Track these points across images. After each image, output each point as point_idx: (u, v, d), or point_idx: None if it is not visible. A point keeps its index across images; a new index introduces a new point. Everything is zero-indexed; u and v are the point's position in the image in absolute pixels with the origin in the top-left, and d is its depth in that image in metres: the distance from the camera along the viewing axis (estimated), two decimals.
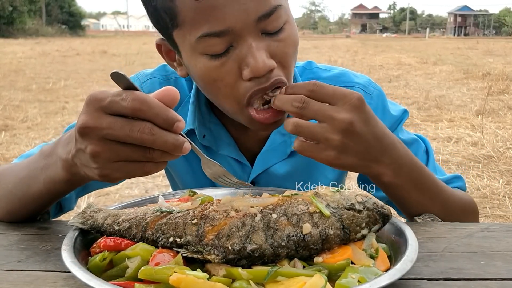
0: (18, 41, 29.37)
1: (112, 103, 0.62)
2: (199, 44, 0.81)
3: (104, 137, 0.63)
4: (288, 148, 1.05)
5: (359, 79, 1.10)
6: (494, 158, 4.45)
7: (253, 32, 0.80)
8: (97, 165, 0.65)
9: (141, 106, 0.61)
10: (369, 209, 0.67)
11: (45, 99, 7.77)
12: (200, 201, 0.74)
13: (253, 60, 0.80)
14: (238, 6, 0.77)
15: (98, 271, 0.63)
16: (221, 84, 0.85)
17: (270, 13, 0.80)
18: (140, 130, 0.61)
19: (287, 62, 0.87)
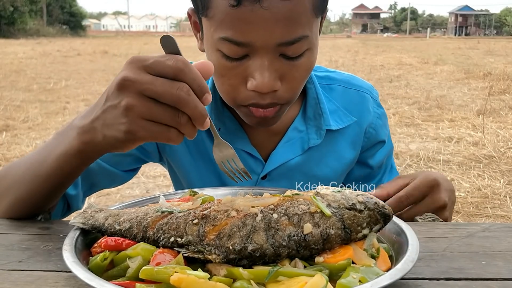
0: (19, 42, 29.40)
1: (156, 62, 0.65)
2: (219, 43, 0.85)
3: (142, 92, 0.64)
4: (306, 144, 1.07)
5: (365, 84, 1.17)
6: (495, 158, 4.44)
7: (271, 52, 0.84)
8: (127, 120, 0.66)
9: (184, 67, 0.64)
10: (370, 209, 0.67)
11: (46, 99, 7.78)
12: (201, 201, 0.74)
13: (260, 77, 0.84)
14: (265, 27, 0.81)
15: (99, 271, 0.63)
16: (226, 82, 0.90)
17: (293, 42, 0.84)
18: (179, 87, 0.64)
19: (295, 85, 0.91)
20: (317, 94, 1.08)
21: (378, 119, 1.15)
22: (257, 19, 0.80)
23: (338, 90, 1.13)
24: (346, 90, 1.13)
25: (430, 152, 4.63)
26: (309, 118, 1.08)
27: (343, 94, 1.13)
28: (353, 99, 1.13)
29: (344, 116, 1.10)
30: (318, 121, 1.07)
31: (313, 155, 1.08)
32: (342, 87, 1.14)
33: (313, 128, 1.07)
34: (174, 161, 1.12)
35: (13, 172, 0.88)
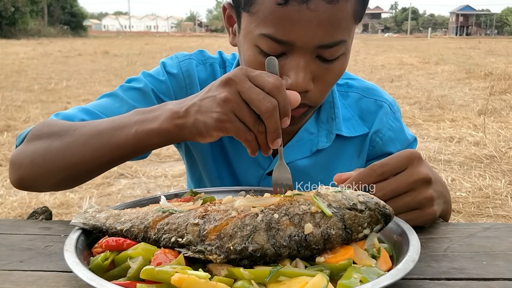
0: (20, 42, 29.44)
1: (259, 75, 0.74)
2: (259, 39, 0.87)
3: (241, 93, 0.73)
4: (314, 146, 1.08)
5: (387, 96, 1.17)
6: (496, 158, 4.44)
7: (309, 53, 0.86)
8: (221, 109, 0.74)
9: (280, 86, 0.73)
10: (371, 209, 0.67)
11: (47, 100, 7.78)
12: (201, 201, 0.74)
13: (295, 77, 0.86)
14: (307, 28, 0.83)
15: (100, 271, 0.63)
16: None
17: (332, 46, 0.86)
18: (271, 101, 0.72)
19: (326, 88, 0.94)
20: (333, 98, 1.09)
21: (390, 130, 1.13)
22: (302, 20, 0.82)
23: (353, 97, 1.14)
24: (362, 98, 1.14)
25: (431, 152, 4.63)
26: (321, 121, 1.09)
27: (357, 102, 1.13)
28: (369, 108, 1.13)
29: (358, 126, 1.11)
30: (330, 124, 1.08)
31: (320, 159, 1.09)
32: (359, 94, 1.14)
33: (324, 131, 1.08)
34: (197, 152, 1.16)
35: (72, 138, 0.88)
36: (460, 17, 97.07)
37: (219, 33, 74.67)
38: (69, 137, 0.88)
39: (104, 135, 0.85)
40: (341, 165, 1.11)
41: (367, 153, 1.13)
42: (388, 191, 0.77)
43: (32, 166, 0.90)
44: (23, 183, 0.93)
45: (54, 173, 0.89)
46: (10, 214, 3.22)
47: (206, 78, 1.12)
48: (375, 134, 1.12)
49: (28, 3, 44.86)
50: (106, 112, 1.00)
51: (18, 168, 0.92)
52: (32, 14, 46.52)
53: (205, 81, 1.11)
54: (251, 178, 1.11)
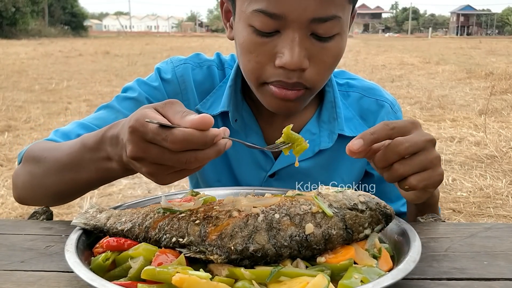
0: (21, 42, 29.45)
1: (155, 140, 0.65)
2: (251, 16, 0.86)
3: (155, 162, 0.67)
4: (316, 146, 1.07)
5: (388, 96, 1.16)
6: (497, 157, 4.43)
7: (303, 28, 0.85)
8: (155, 179, 0.70)
9: (182, 145, 0.63)
10: (372, 209, 0.67)
11: (48, 100, 7.78)
12: (202, 201, 0.74)
13: (289, 53, 0.85)
14: (300, 0, 0.82)
15: (101, 271, 0.63)
16: (254, 59, 0.90)
17: (326, 19, 0.85)
18: (187, 161, 0.65)
19: (322, 69, 0.91)
20: (334, 98, 1.08)
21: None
22: None
23: (354, 97, 1.13)
24: (362, 98, 1.13)
25: None
26: (323, 122, 1.08)
27: (358, 101, 1.12)
28: (370, 107, 1.12)
29: (359, 126, 1.10)
30: (332, 124, 1.07)
31: (323, 159, 1.08)
32: (359, 94, 1.13)
33: (326, 131, 1.07)
34: None
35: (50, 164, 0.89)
36: (460, 17, 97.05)
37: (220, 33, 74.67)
38: (46, 165, 0.90)
39: (69, 171, 0.86)
40: (343, 165, 1.10)
41: None
42: (406, 146, 0.75)
43: (24, 188, 0.96)
44: (21, 201, 0.98)
45: (41, 196, 0.94)
46: (11, 214, 3.22)
47: (203, 81, 1.11)
48: None
49: (28, 3, 44.88)
50: (103, 124, 0.99)
51: (15, 188, 0.98)
52: (32, 14, 46.54)
53: (202, 83, 1.11)
54: (252, 181, 1.10)
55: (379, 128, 0.76)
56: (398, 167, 0.76)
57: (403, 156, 0.75)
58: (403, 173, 0.76)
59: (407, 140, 0.75)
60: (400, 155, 0.75)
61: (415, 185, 0.76)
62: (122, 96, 1.08)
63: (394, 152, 0.75)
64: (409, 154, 0.75)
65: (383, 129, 0.75)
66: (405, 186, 0.77)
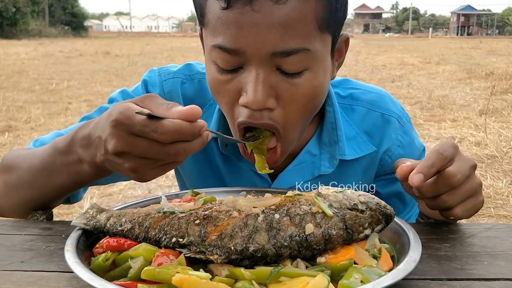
0: (21, 42, 29.47)
1: (143, 132, 0.63)
2: (213, 53, 0.81)
3: (140, 156, 0.65)
4: (316, 170, 1.00)
5: (395, 107, 1.07)
6: (497, 158, 4.43)
7: (265, 63, 0.77)
8: (137, 175, 0.69)
9: (172, 136, 0.63)
10: (372, 209, 0.67)
11: (48, 100, 7.79)
12: (202, 201, 0.74)
13: (252, 92, 0.77)
14: (256, 32, 0.74)
15: (101, 271, 0.63)
16: (223, 100, 0.85)
17: (289, 53, 0.76)
18: (176, 153, 0.64)
19: (293, 109, 0.82)
20: (335, 119, 0.99)
21: (399, 147, 1.05)
22: (248, 23, 0.74)
23: (360, 112, 1.04)
24: (369, 112, 1.04)
25: None
26: (324, 143, 1.01)
27: (364, 117, 1.04)
28: (375, 123, 1.04)
29: (363, 144, 1.03)
30: (333, 148, 1.00)
31: (322, 182, 0.99)
32: (365, 108, 1.04)
33: (326, 154, 1.00)
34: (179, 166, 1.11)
35: (15, 175, 0.90)
36: (461, 17, 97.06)
37: None
38: (19, 171, 0.89)
39: (41, 176, 0.85)
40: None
41: (375, 171, 1.06)
42: (458, 178, 0.73)
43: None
44: None
45: (16, 205, 0.91)
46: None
47: (193, 97, 1.04)
48: (384, 153, 1.04)
49: (29, 3, 44.91)
50: None
51: None
52: (33, 15, 46.58)
53: (192, 99, 1.04)
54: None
55: (435, 159, 0.73)
56: (446, 199, 0.76)
57: (453, 188, 0.74)
58: (451, 205, 0.76)
59: (458, 171, 0.74)
60: (452, 187, 0.74)
61: (460, 216, 0.77)
62: (105, 107, 1.02)
63: (446, 184, 0.74)
64: (459, 184, 0.75)
65: (439, 159, 0.73)
66: (449, 217, 0.78)
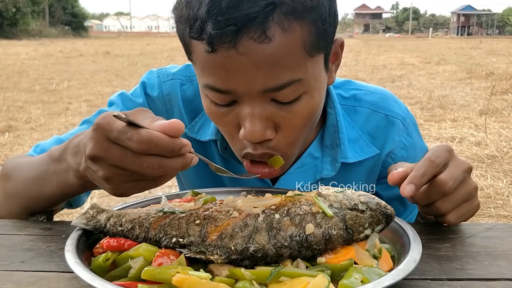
0: (22, 42, 29.48)
1: (119, 139, 0.62)
2: (204, 89, 0.80)
3: (114, 164, 0.64)
4: (318, 173, 1.00)
5: (399, 109, 1.06)
6: (498, 158, 4.43)
7: (260, 98, 0.77)
8: (111, 186, 0.67)
9: (147, 147, 0.61)
10: (372, 209, 0.67)
11: (48, 100, 7.79)
12: (203, 201, 0.74)
13: (249, 126, 0.78)
14: (244, 74, 0.74)
15: (101, 271, 0.63)
16: (222, 129, 0.86)
17: (281, 88, 0.76)
18: (150, 166, 0.62)
19: (293, 134, 0.83)
20: (337, 121, 0.99)
21: (402, 149, 1.04)
22: (235, 66, 0.73)
23: (364, 114, 1.03)
24: (372, 114, 1.03)
25: None
26: (326, 146, 1.00)
27: (368, 119, 1.03)
28: (379, 124, 1.03)
29: (366, 147, 1.02)
30: (335, 151, 0.99)
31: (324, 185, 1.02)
32: (369, 109, 1.03)
33: (328, 157, 1.00)
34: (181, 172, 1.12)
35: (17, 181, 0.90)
36: (461, 17, 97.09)
37: None
38: (16, 179, 0.90)
39: (35, 185, 0.86)
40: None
41: (378, 173, 1.06)
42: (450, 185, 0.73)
43: None
44: None
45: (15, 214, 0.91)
46: None
47: (193, 98, 1.04)
48: (387, 155, 1.04)
49: (29, 3, 44.95)
50: None
51: None
52: (33, 15, 46.62)
53: (192, 101, 1.04)
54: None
55: (427, 167, 0.72)
56: (440, 206, 0.76)
57: (446, 195, 0.75)
58: (445, 211, 0.77)
59: (450, 177, 0.73)
60: (444, 195, 0.75)
61: (454, 222, 0.78)
62: (105, 110, 1.01)
63: (438, 192, 0.74)
64: (451, 191, 0.75)
65: (431, 167, 0.73)
66: (443, 223, 0.79)
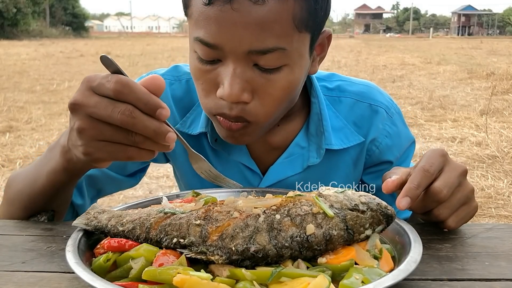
0: (22, 43, 29.48)
1: (99, 84, 0.65)
2: (194, 43, 0.83)
3: (90, 115, 0.65)
4: (305, 162, 1.02)
5: (383, 98, 1.07)
6: (498, 158, 4.43)
7: (242, 59, 0.80)
8: (82, 142, 0.68)
9: (122, 88, 0.63)
10: (372, 209, 0.67)
11: (49, 100, 7.79)
12: (203, 202, 0.74)
13: (228, 85, 0.80)
14: (233, 30, 0.77)
15: (102, 272, 0.63)
16: (201, 86, 0.87)
17: (265, 52, 0.79)
18: (121, 111, 0.62)
19: (269, 103, 0.85)
20: (320, 110, 1.01)
21: (387, 137, 1.05)
22: (226, 21, 0.76)
23: (347, 103, 1.05)
24: (356, 103, 1.05)
25: None
26: (311, 135, 1.02)
27: (352, 108, 1.05)
28: (363, 113, 1.04)
29: (351, 135, 1.03)
30: (319, 138, 1.01)
31: (313, 174, 1.03)
32: (353, 99, 1.05)
33: (314, 145, 1.02)
34: (176, 166, 1.13)
35: (16, 184, 0.93)
36: (462, 17, 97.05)
37: None
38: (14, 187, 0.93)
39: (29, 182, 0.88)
40: (336, 177, 1.05)
41: (364, 162, 1.07)
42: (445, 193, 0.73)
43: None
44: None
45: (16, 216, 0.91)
46: None
47: (182, 96, 1.06)
48: (371, 143, 1.05)
49: (30, 4, 44.96)
50: None
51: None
52: (34, 15, 46.63)
53: (181, 100, 1.06)
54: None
55: (421, 178, 0.72)
56: (437, 213, 0.77)
57: (442, 202, 0.75)
58: (443, 218, 0.77)
59: (445, 184, 0.74)
60: (440, 202, 0.75)
61: (454, 227, 0.79)
62: None
63: (434, 201, 0.75)
64: (447, 198, 0.75)
65: (425, 177, 0.73)
66: (443, 228, 0.79)
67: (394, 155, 1.07)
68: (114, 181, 1.07)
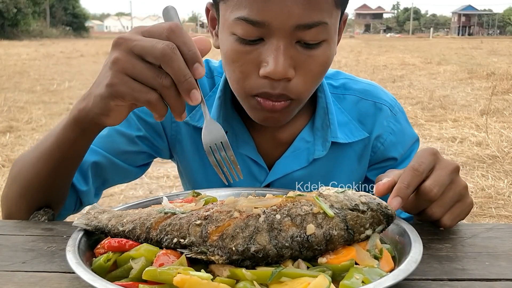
0: (23, 43, 29.48)
1: (152, 27, 0.68)
2: (234, 24, 0.83)
3: (132, 48, 0.67)
4: (311, 155, 1.03)
5: (387, 97, 1.10)
6: (499, 158, 4.43)
7: (287, 36, 0.81)
8: (111, 73, 0.68)
9: (176, 29, 0.66)
10: (373, 209, 0.67)
11: (49, 101, 7.80)
12: (204, 202, 0.74)
13: (274, 62, 0.81)
14: (282, 6, 0.79)
15: (102, 272, 0.63)
16: (238, 69, 0.87)
17: (311, 26, 0.81)
18: (166, 43, 0.65)
19: (309, 79, 0.87)
20: (326, 104, 1.03)
21: (391, 134, 1.07)
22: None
23: (351, 100, 1.08)
24: (360, 101, 1.07)
25: None
26: (317, 129, 1.04)
27: (355, 105, 1.07)
28: (367, 111, 1.07)
29: (356, 130, 1.06)
30: (325, 131, 1.03)
31: (318, 168, 1.05)
32: (356, 97, 1.08)
33: (320, 139, 1.03)
34: (182, 160, 1.12)
35: (23, 157, 0.93)
36: (462, 17, 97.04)
37: None
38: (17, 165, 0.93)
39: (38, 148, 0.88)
40: (341, 172, 1.07)
41: (368, 158, 1.09)
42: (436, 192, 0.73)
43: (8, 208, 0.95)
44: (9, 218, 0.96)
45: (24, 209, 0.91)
46: None
47: None
48: (376, 140, 1.07)
49: (30, 4, 44.98)
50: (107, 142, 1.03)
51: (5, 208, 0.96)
52: (34, 15, 46.64)
53: None
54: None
55: (411, 178, 0.73)
56: (431, 212, 0.77)
57: (434, 201, 0.75)
58: (437, 217, 0.77)
59: (435, 183, 0.74)
60: (432, 201, 0.75)
61: (450, 225, 0.79)
62: None
63: (425, 200, 0.75)
64: (439, 196, 0.75)
65: (415, 176, 0.73)
66: (440, 227, 0.80)
67: (399, 152, 1.08)
68: (120, 171, 1.07)
